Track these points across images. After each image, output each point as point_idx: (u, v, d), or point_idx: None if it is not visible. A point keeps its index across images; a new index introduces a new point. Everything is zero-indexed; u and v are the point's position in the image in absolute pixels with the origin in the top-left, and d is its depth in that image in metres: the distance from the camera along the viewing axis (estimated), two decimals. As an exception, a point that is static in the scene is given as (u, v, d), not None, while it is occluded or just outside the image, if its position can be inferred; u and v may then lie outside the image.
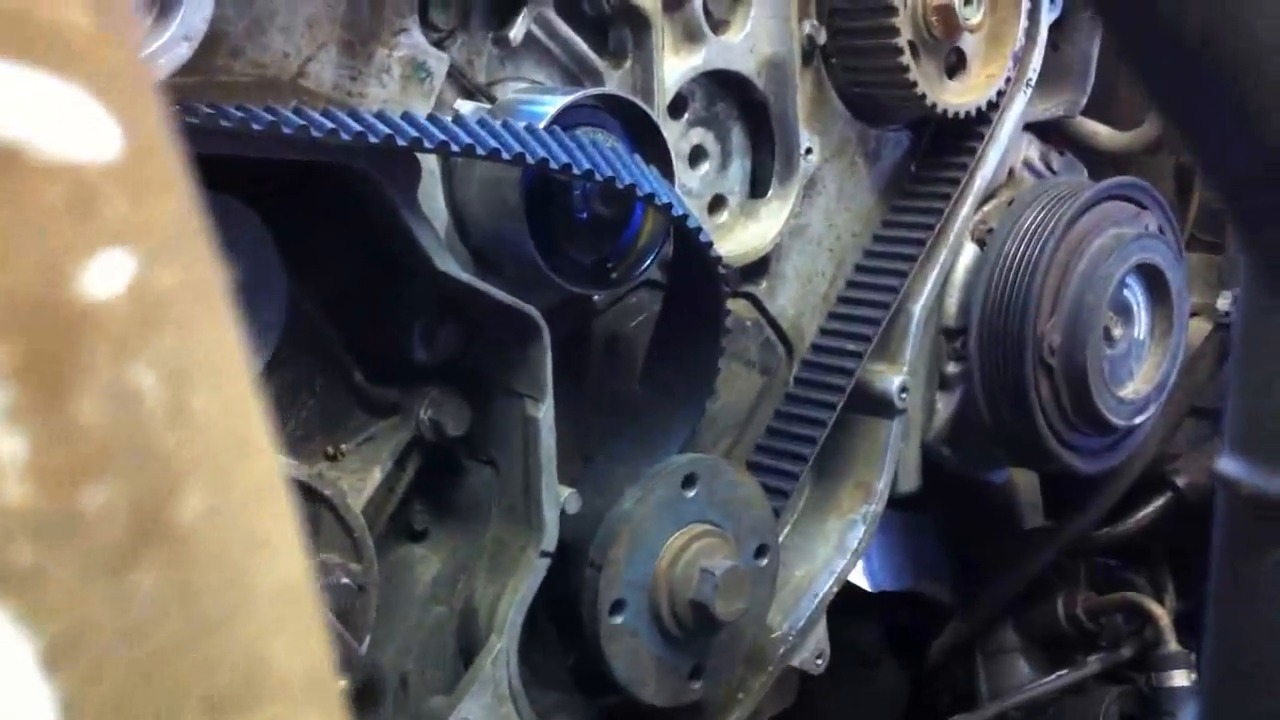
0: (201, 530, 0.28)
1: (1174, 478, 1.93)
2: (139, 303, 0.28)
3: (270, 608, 0.30)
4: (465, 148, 1.16)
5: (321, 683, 0.31)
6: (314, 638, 0.31)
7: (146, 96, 0.30)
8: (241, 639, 0.29)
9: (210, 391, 0.29)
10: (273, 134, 1.08)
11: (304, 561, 0.32)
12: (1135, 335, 1.73)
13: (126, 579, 0.27)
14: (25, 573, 0.26)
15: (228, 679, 0.28)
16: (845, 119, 1.62)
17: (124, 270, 0.28)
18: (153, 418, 0.28)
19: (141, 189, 0.29)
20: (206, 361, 0.30)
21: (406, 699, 1.37)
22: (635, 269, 1.38)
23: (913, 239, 1.64)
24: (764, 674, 1.60)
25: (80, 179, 0.28)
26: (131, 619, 0.27)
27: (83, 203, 0.27)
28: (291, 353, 1.28)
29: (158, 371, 0.28)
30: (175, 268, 0.29)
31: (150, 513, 0.27)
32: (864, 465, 1.66)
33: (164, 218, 0.29)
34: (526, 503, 1.34)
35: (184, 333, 0.29)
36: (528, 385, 1.31)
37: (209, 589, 0.28)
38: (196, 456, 0.28)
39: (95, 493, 0.27)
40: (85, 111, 0.28)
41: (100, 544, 0.27)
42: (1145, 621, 1.99)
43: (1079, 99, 1.80)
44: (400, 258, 1.25)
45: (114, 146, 0.28)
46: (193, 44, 1.08)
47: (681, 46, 1.44)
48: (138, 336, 0.28)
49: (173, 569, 0.28)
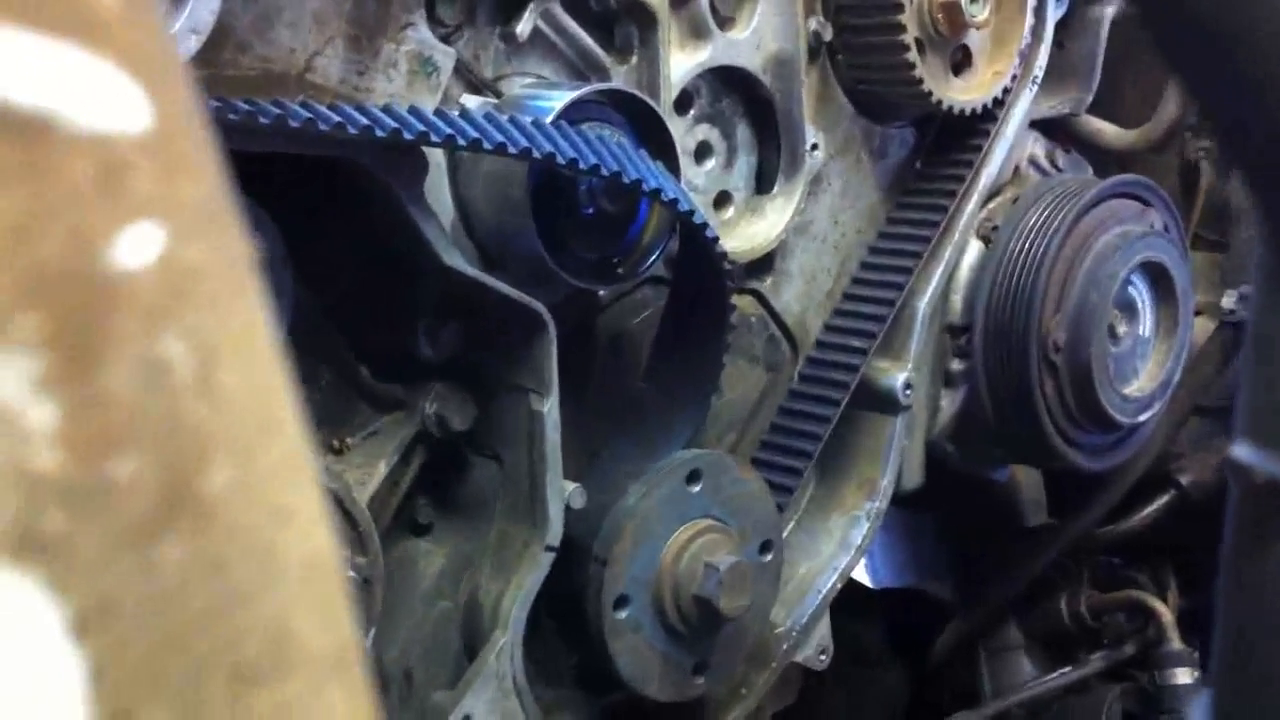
0: (229, 502, 0.28)
1: (1178, 476, 1.93)
2: (169, 275, 0.28)
3: (297, 581, 0.30)
4: (471, 142, 1.16)
5: (347, 656, 0.31)
6: (340, 611, 0.31)
7: (176, 72, 0.30)
8: (268, 611, 0.29)
9: (238, 365, 0.29)
10: (279, 128, 1.08)
11: (330, 536, 0.32)
12: (1140, 333, 1.73)
13: (154, 549, 0.27)
14: (55, 540, 0.26)
15: (255, 650, 0.28)
16: (851, 116, 1.62)
17: (154, 243, 0.28)
18: (181, 390, 0.28)
19: (172, 163, 0.29)
20: (235, 336, 0.30)
21: (410, 693, 1.37)
22: (641, 265, 1.38)
23: (918, 236, 1.64)
24: (767, 670, 1.60)
25: (111, 152, 0.28)
26: (159, 589, 0.27)
27: (113, 175, 0.28)
28: (297, 348, 1.28)
29: (187, 344, 0.28)
30: (205, 242, 0.29)
31: (178, 484, 0.28)
32: (868, 462, 1.66)
33: (194, 192, 0.30)
34: (531, 498, 1.34)
35: (213, 306, 0.29)
36: (533, 380, 1.31)
37: (236, 561, 0.28)
38: (224, 429, 0.29)
39: (124, 462, 0.27)
40: (116, 85, 0.28)
41: (129, 513, 0.27)
42: (1148, 619, 1.99)
43: (1085, 96, 1.81)
44: (406, 253, 1.25)
45: (144, 120, 0.29)
46: (200, 38, 1.08)
47: (687, 42, 1.44)
48: (167, 309, 0.28)
49: (200, 540, 0.28)
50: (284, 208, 1.23)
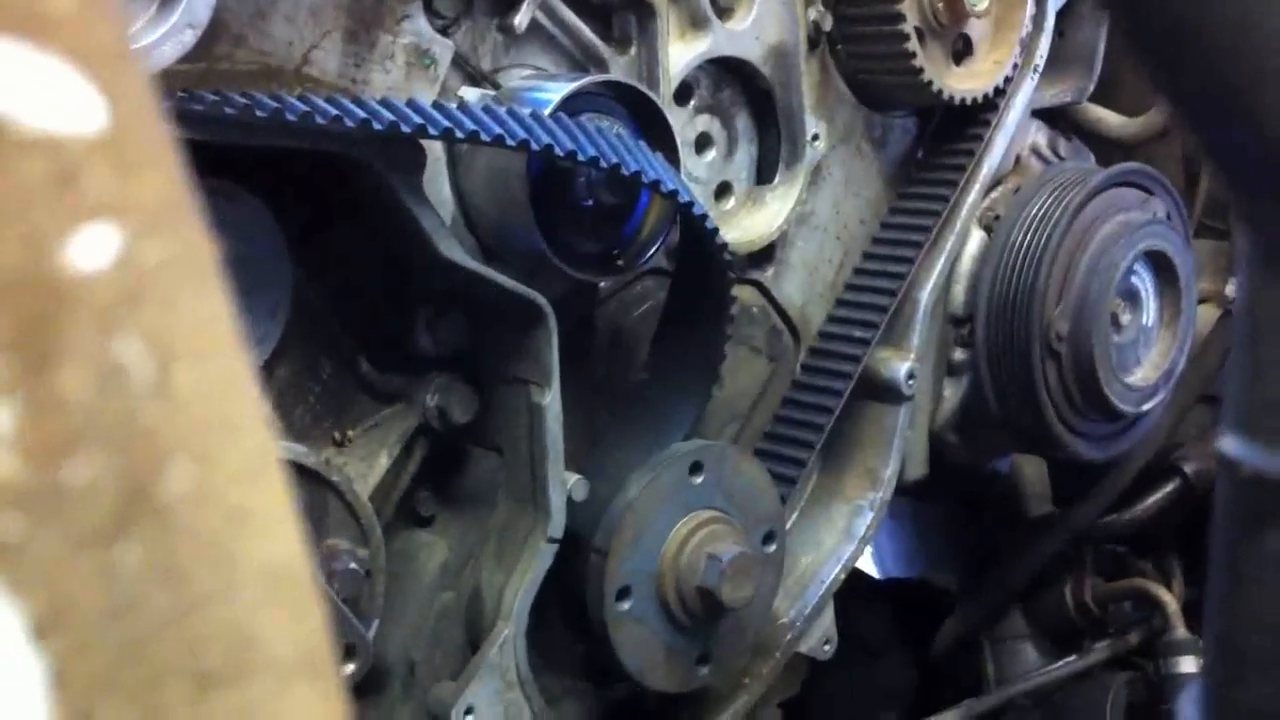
0: (187, 506, 0.28)
1: (1182, 464, 1.92)
2: (125, 276, 0.28)
3: (258, 583, 0.30)
4: (470, 134, 1.16)
5: (313, 657, 0.31)
6: (306, 614, 0.31)
7: (130, 70, 0.30)
8: (229, 614, 0.29)
9: (197, 366, 0.29)
10: (277, 122, 1.08)
11: (295, 537, 0.32)
12: (1143, 322, 1.72)
13: (112, 553, 0.27)
14: (13, 543, 0.26)
15: (215, 654, 0.28)
16: (851, 105, 1.61)
17: (109, 244, 0.28)
18: (139, 392, 0.28)
19: (127, 163, 0.29)
20: (194, 336, 0.30)
21: (414, 685, 1.37)
22: (641, 256, 1.38)
23: (920, 226, 1.64)
24: (771, 660, 1.60)
25: (64, 152, 0.28)
26: (118, 593, 0.27)
27: (66, 176, 0.27)
28: (298, 340, 1.29)
29: (144, 345, 0.28)
30: (162, 242, 0.29)
31: (136, 487, 0.27)
32: (871, 452, 1.65)
33: (151, 192, 0.29)
34: (533, 490, 1.34)
35: (171, 307, 0.29)
36: (534, 372, 1.31)
37: (195, 565, 0.28)
38: (183, 432, 0.28)
39: (80, 466, 0.27)
40: (68, 85, 0.28)
41: (86, 518, 0.27)
42: (1153, 608, 1.99)
43: (1086, 85, 1.80)
44: (405, 245, 1.25)
45: (98, 120, 0.28)
46: (196, 32, 1.08)
47: (687, 33, 1.43)
48: (123, 311, 0.28)
49: (159, 544, 0.28)
50: (283, 201, 1.23)
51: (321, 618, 0.31)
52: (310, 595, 0.31)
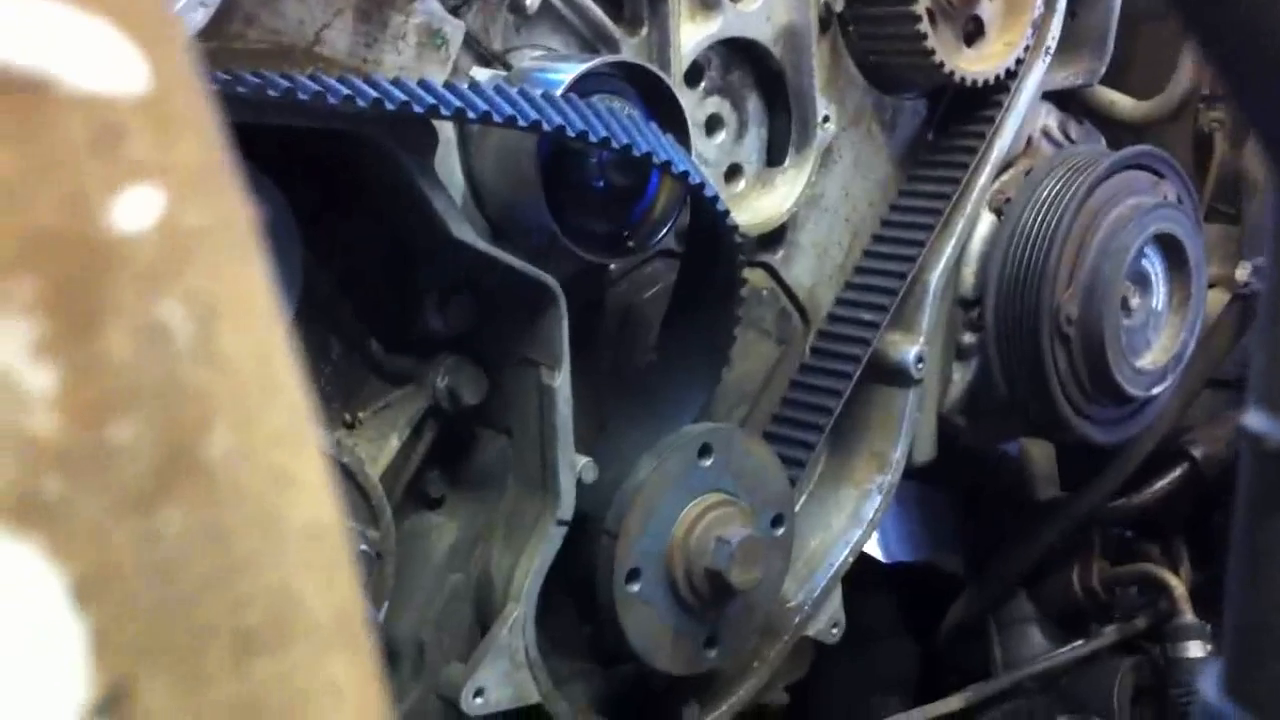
0: (230, 468, 0.28)
1: (1191, 449, 1.92)
2: (168, 239, 0.28)
3: (299, 547, 0.30)
4: (481, 115, 1.16)
5: (350, 623, 0.31)
6: (343, 578, 0.31)
7: (172, 32, 0.30)
8: (271, 578, 0.29)
9: (239, 330, 0.29)
10: (288, 101, 1.08)
11: (333, 501, 0.32)
12: (1153, 305, 1.72)
13: (155, 515, 0.27)
14: (55, 505, 0.26)
15: (257, 617, 0.28)
16: (862, 87, 1.61)
17: (152, 206, 0.28)
18: (181, 354, 0.28)
19: (169, 125, 0.29)
20: (235, 300, 0.30)
21: (423, 666, 1.38)
22: (651, 238, 1.38)
23: (930, 208, 1.63)
24: (779, 643, 1.60)
25: (107, 113, 0.27)
26: (160, 555, 0.27)
27: (110, 137, 0.27)
28: (308, 322, 1.28)
29: (186, 308, 0.28)
30: (204, 205, 0.29)
31: (178, 449, 0.27)
32: (880, 435, 1.65)
33: (192, 154, 0.29)
34: (542, 471, 1.34)
35: (213, 270, 0.29)
36: (544, 354, 1.31)
37: (238, 527, 0.28)
38: (225, 394, 0.28)
39: (124, 427, 0.27)
40: (112, 46, 0.28)
41: (129, 479, 0.27)
42: (1160, 593, 1.99)
43: (1098, 67, 1.79)
44: (416, 226, 1.25)
45: (141, 81, 0.28)
46: (209, 10, 1.07)
47: (698, 14, 1.43)
48: (166, 272, 0.28)
49: (201, 506, 0.28)
50: (294, 180, 1.23)
51: (357, 584, 0.31)
52: (346, 559, 0.31)
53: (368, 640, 0.32)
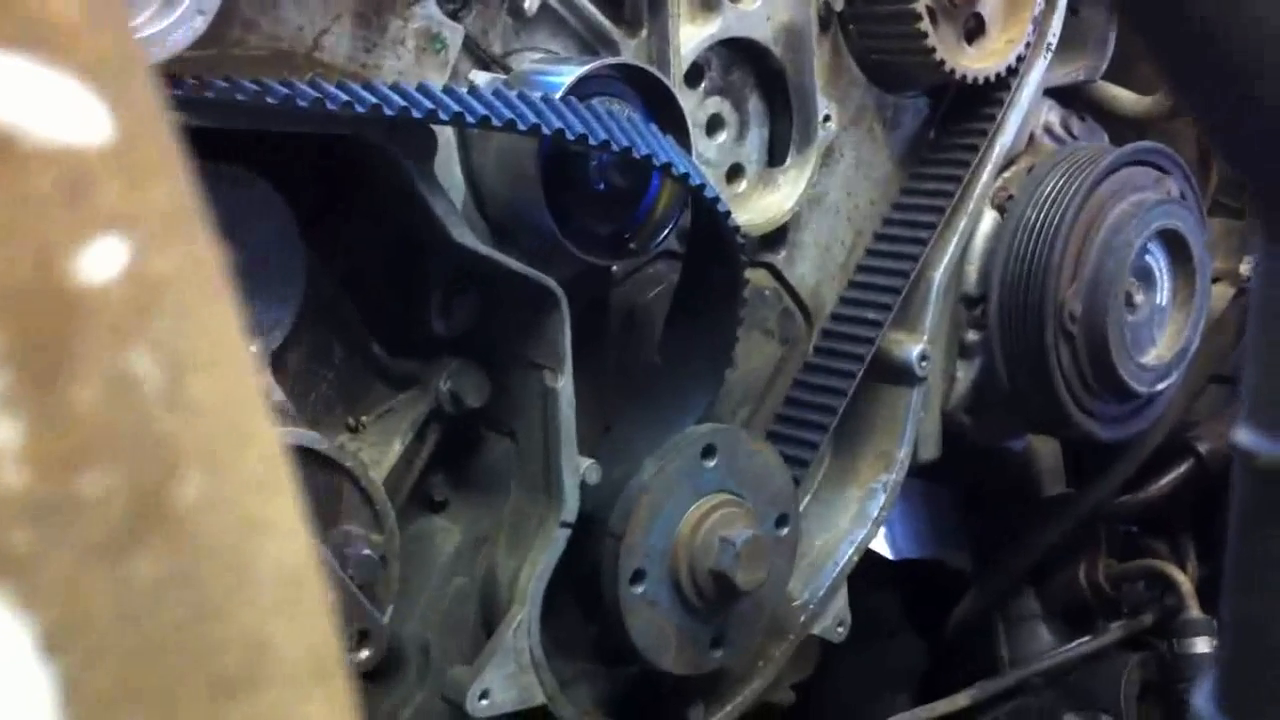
0: (200, 516, 0.28)
1: (1196, 444, 1.92)
2: (135, 288, 0.28)
3: (272, 592, 0.29)
4: (481, 119, 1.16)
5: (327, 665, 0.31)
6: (318, 620, 0.31)
7: (138, 81, 0.30)
8: (242, 623, 0.29)
9: (209, 377, 0.29)
10: (288, 107, 1.08)
11: (307, 545, 0.31)
12: (1157, 301, 1.72)
13: (125, 564, 0.27)
14: (23, 557, 0.26)
15: (230, 663, 0.28)
16: (863, 86, 1.61)
17: (119, 256, 0.28)
18: (150, 403, 0.28)
19: (135, 173, 0.29)
20: (205, 346, 0.29)
21: (428, 669, 1.38)
22: (653, 239, 1.38)
23: (932, 206, 1.63)
24: (785, 643, 1.60)
25: (72, 165, 0.27)
26: (131, 604, 0.27)
27: (76, 188, 0.27)
28: (310, 326, 1.29)
29: (155, 357, 0.28)
30: (172, 252, 0.29)
31: (149, 498, 0.27)
32: (884, 434, 1.65)
33: (159, 202, 0.29)
34: (546, 474, 1.34)
35: (181, 318, 0.29)
36: (546, 356, 1.31)
37: (209, 574, 0.28)
38: (195, 442, 0.28)
39: (93, 478, 0.27)
40: (76, 97, 0.28)
41: (99, 529, 0.27)
42: (1167, 588, 1.98)
43: (1099, 63, 1.79)
44: (417, 230, 1.25)
45: (105, 132, 0.28)
46: (207, 17, 1.07)
47: (698, 15, 1.43)
48: (134, 322, 0.28)
49: (172, 554, 0.28)
50: (295, 186, 1.23)
51: (333, 625, 0.31)
52: (322, 603, 0.31)
53: (345, 683, 0.32)
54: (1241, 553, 0.54)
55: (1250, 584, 0.54)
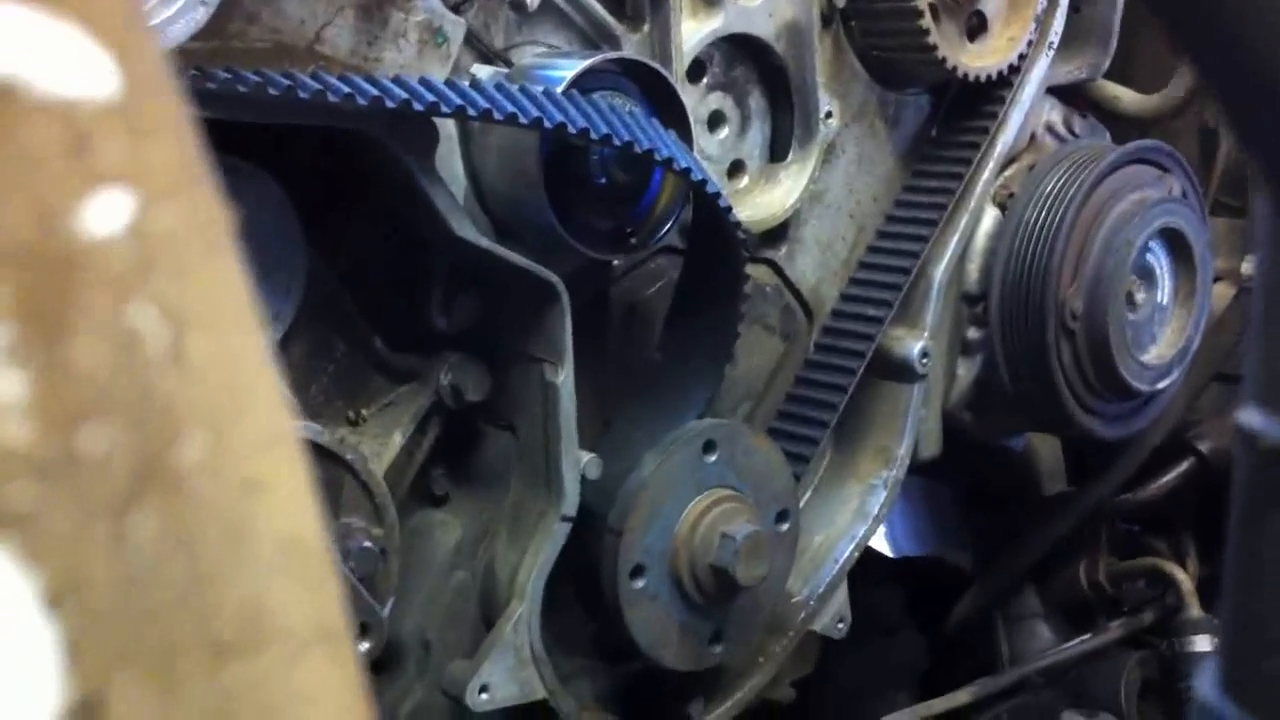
0: (201, 476, 0.28)
1: (1197, 443, 1.92)
2: (139, 243, 0.28)
3: (272, 554, 0.29)
4: (482, 113, 1.16)
5: (328, 627, 0.31)
6: (320, 582, 0.31)
7: (143, 35, 0.30)
8: (242, 586, 0.29)
9: (212, 335, 0.29)
10: (289, 99, 1.08)
11: (310, 507, 0.31)
12: (1158, 300, 1.72)
13: (126, 523, 0.27)
14: (25, 513, 0.26)
15: (229, 624, 0.28)
16: (865, 83, 1.61)
17: (122, 210, 0.28)
18: (152, 361, 0.28)
19: (140, 128, 0.29)
20: (208, 305, 0.29)
21: (428, 663, 1.38)
22: (654, 234, 1.38)
23: (933, 204, 1.63)
24: (785, 639, 1.60)
25: (76, 117, 0.27)
26: (132, 563, 0.27)
27: (79, 141, 0.27)
28: (312, 320, 1.29)
29: (158, 313, 0.28)
30: (176, 209, 0.29)
31: (150, 457, 0.27)
32: (885, 431, 1.65)
33: (164, 158, 0.29)
34: (546, 468, 1.34)
35: (185, 275, 0.29)
36: (547, 351, 1.31)
37: (209, 535, 0.28)
38: (197, 401, 0.28)
39: (95, 435, 0.27)
40: (81, 50, 0.28)
41: (100, 487, 0.27)
42: (1167, 587, 1.98)
43: (1101, 61, 1.79)
44: (418, 224, 1.25)
45: (110, 85, 0.28)
46: (209, 9, 1.07)
47: (700, 10, 1.43)
48: (137, 277, 0.28)
49: (173, 514, 0.28)
50: (297, 179, 1.23)
51: (337, 588, 0.31)
52: (325, 566, 0.31)
53: (349, 647, 0.32)
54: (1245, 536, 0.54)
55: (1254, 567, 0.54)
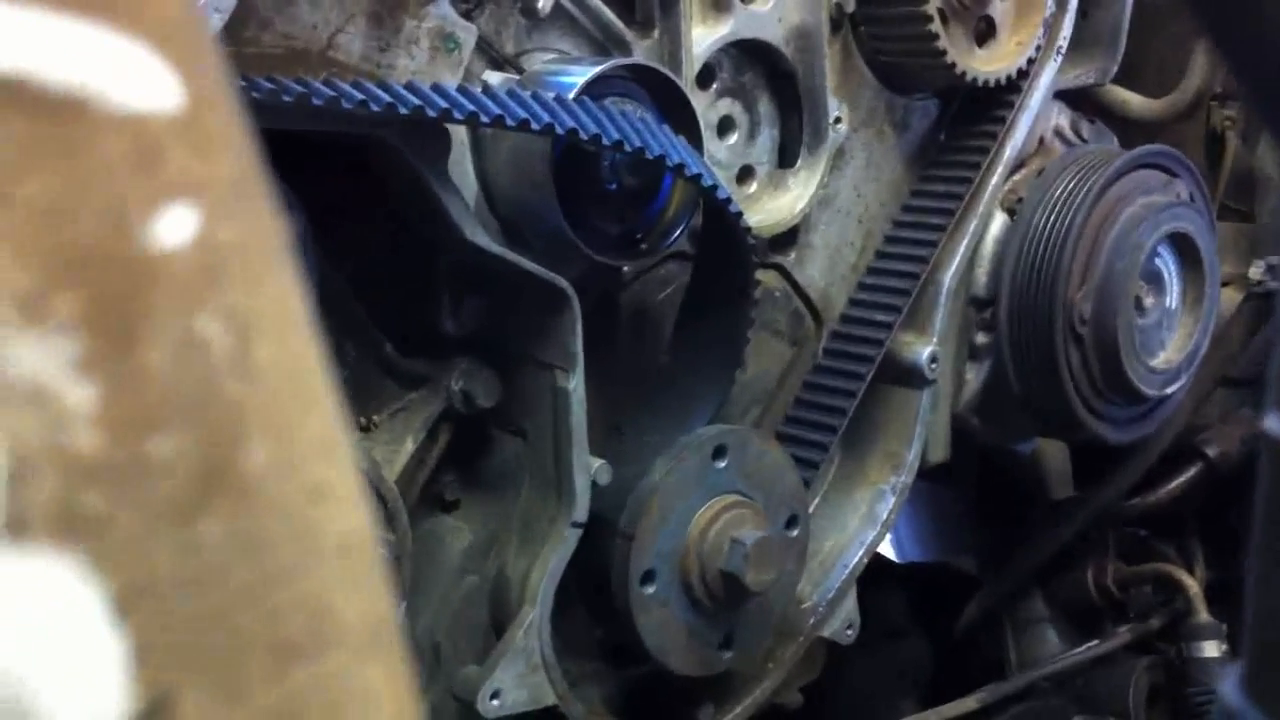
0: (267, 480, 0.29)
1: (1205, 448, 1.92)
2: (204, 254, 0.28)
3: (334, 558, 0.30)
4: (495, 119, 1.16)
5: (384, 632, 0.31)
6: (376, 587, 0.31)
7: (206, 49, 0.30)
8: (307, 587, 0.29)
9: (274, 343, 0.29)
10: (302, 106, 1.08)
11: (365, 512, 0.32)
12: (1166, 304, 1.72)
13: (194, 528, 0.27)
14: (95, 520, 0.26)
15: (294, 628, 0.29)
16: (874, 88, 1.61)
17: (189, 222, 0.28)
18: (219, 368, 0.28)
19: (204, 142, 0.29)
20: (270, 313, 0.30)
21: (439, 668, 1.38)
22: (664, 240, 1.38)
23: (942, 209, 1.63)
24: (794, 644, 1.60)
25: (144, 132, 0.28)
26: (199, 568, 0.27)
27: (148, 155, 0.28)
28: (322, 325, 1.28)
29: (224, 322, 0.28)
30: (238, 220, 0.29)
31: (217, 463, 0.28)
32: (893, 436, 1.65)
33: (226, 171, 0.30)
34: (557, 474, 1.34)
35: (248, 285, 0.29)
36: (558, 356, 1.32)
37: (275, 538, 0.29)
38: (262, 407, 0.29)
39: (163, 442, 0.27)
40: (147, 65, 0.28)
41: (168, 493, 0.27)
42: (1175, 592, 1.99)
43: (1110, 66, 1.79)
44: (429, 229, 1.25)
45: (176, 99, 0.29)
46: (223, 16, 1.08)
47: (709, 16, 1.43)
48: (204, 288, 0.28)
49: (239, 518, 0.28)
50: (308, 185, 1.23)
51: (388, 594, 0.32)
52: (379, 570, 0.31)
53: (400, 648, 0.32)
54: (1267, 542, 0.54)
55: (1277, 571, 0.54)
